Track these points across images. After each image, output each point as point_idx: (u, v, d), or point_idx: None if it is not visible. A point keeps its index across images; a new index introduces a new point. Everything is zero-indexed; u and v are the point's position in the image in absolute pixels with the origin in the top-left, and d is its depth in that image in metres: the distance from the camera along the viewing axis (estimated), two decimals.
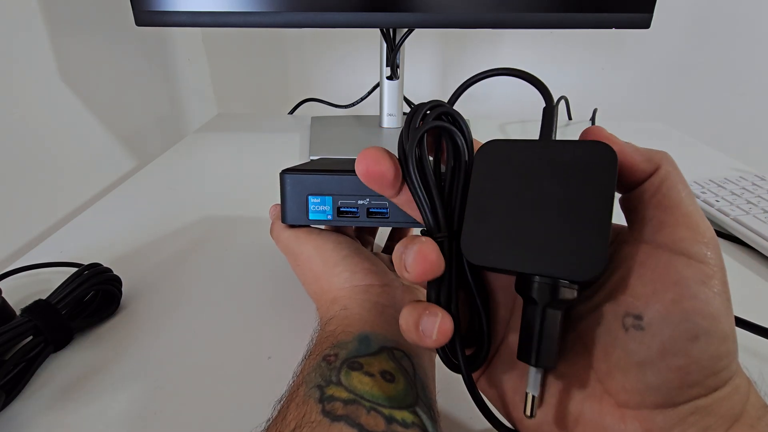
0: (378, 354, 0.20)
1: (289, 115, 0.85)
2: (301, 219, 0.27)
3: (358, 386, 0.18)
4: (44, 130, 0.52)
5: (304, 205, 0.27)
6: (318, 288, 0.27)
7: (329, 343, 0.21)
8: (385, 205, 0.26)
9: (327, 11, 0.53)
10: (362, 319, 0.23)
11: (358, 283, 0.26)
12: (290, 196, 0.27)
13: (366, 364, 0.19)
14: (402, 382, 0.19)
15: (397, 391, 0.19)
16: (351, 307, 0.24)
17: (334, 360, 0.20)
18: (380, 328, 0.22)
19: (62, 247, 0.41)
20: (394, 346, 0.21)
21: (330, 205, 0.27)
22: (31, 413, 0.25)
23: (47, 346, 0.28)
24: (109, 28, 0.64)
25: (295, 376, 0.21)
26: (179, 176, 0.57)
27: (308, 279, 0.28)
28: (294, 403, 0.18)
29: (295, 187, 0.27)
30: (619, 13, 0.54)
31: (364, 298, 0.24)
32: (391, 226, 0.27)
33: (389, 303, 0.25)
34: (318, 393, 0.18)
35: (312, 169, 0.27)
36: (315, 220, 0.27)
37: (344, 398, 0.18)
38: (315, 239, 0.28)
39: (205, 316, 0.33)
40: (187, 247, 0.41)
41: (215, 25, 0.54)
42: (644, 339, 0.15)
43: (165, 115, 0.80)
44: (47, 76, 0.53)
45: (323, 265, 0.27)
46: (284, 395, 0.20)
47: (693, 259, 0.15)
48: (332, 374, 0.19)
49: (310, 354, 0.22)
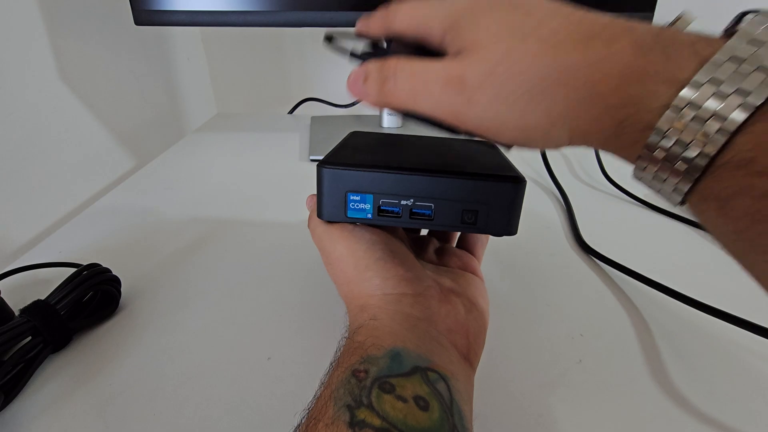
0: (411, 375, 0.19)
1: (288, 114, 0.85)
2: (339, 216, 0.25)
3: (391, 413, 0.17)
4: (44, 129, 0.52)
5: (342, 202, 0.25)
6: (349, 291, 0.26)
7: (358, 356, 0.20)
8: (431, 206, 0.25)
9: (327, 10, 0.53)
10: (393, 332, 0.21)
11: (390, 292, 0.24)
12: (328, 192, 0.25)
13: (398, 387, 0.18)
14: (437, 410, 0.18)
15: (432, 421, 0.18)
16: (381, 317, 0.23)
17: (365, 377, 0.19)
18: (412, 345, 0.21)
19: (61, 247, 0.41)
20: (428, 366, 0.20)
21: (371, 203, 0.25)
22: (30, 414, 0.25)
23: (46, 346, 0.28)
24: (109, 28, 0.63)
25: (322, 386, 0.20)
26: (179, 176, 0.57)
27: (340, 280, 0.26)
28: (323, 423, 0.17)
29: (333, 183, 0.25)
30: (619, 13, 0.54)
31: (395, 309, 0.23)
32: (436, 228, 0.25)
33: (423, 315, 0.23)
34: (348, 415, 0.17)
35: (352, 163, 0.25)
36: (354, 218, 0.25)
37: (377, 426, 0.17)
38: (348, 238, 0.26)
39: (204, 316, 0.33)
40: (187, 247, 0.41)
41: (214, 24, 0.54)
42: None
43: (164, 115, 0.79)
44: (47, 76, 0.53)
45: (354, 268, 0.25)
46: (311, 407, 0.19)
47: None
48: (363, 394, 0.18)
49: (338, 364, 0.20)
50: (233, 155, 0.64)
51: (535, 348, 0.30)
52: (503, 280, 0.37)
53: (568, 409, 0.26)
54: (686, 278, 0.34)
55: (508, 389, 0.27)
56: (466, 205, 0.24)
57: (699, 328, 0.32)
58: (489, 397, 0.26)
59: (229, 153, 0.65)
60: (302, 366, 0.28)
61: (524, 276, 0.38)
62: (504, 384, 0.27)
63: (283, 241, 0.42)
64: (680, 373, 0.28)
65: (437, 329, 0.23)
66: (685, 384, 0.28)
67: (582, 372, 0.28)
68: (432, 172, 0.24)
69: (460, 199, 0.24)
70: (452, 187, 0.24)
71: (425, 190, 0.24)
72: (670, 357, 0.29)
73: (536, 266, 0.39)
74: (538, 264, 0.39)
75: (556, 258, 0.40)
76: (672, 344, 0.31)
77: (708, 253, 0.41)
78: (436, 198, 0.24)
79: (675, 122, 0.15)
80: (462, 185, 0.24)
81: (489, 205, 0.24)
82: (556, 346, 0.30)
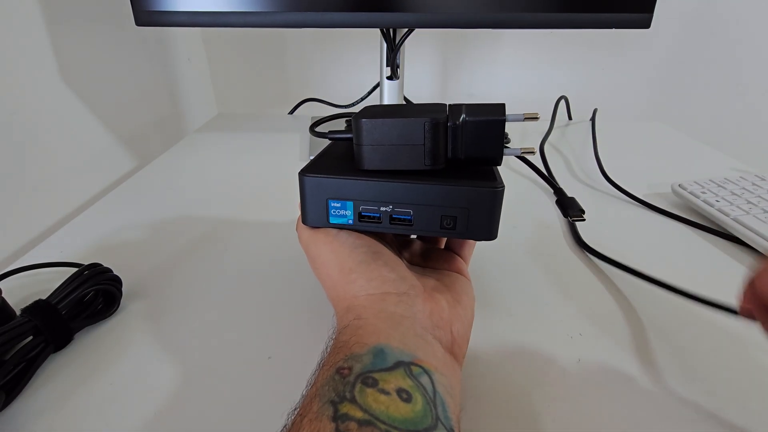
0: (394, 369, 0.19)
1: (289, 115, 0.85)
2: (322, 222, 0.26)
3: (373, 405, 0.18)
4: (44, 130, 0.52)
5: (324, 209, 0.26)
6: (335, 294, 0.26)
7: (342, 355, 0.20)
8: (409, 212, 0.25)
9: (327, 11, 0.53)
10: (377, 330, 0.22)
11: (374, 292, 0.24)
12: (309, 199, 0.26)
13: (381, 381, 0.19)
14: (420, 402, 0.18)
15: (415, 412, 0.18)
16: (365, 316, 0.23)
17: (348, 373, 0.19)
18: (396, 341, 0.21)
19: (62, 247, 0.41)
20: (411, 360, 0.20)
21: (351, 210, 0.26)
22: (31, 413, 0.25)
23: (47, 346, 0.28)
24: (109, 28, 0.64)
25: (308, 386, 0.20)
26: (179, 176, 0.57)
27: (326, 284, 0.27)
28: (307, 419, 0.17)
29: (314, 191, 0.26)
30: (619, 13, 0.54)
31: (379, 308, 0.23)
32: (416, 234, 0.26)
33: (407, 313, 0.23)
34: (331, 410, 0.17)
35: (332, 171, 0.26)
36: (336, 224, 0.26)
37: (359, 418, 0.17)
38: (332, 242, 0.26)
39: (205, 316, 0.33)
40: (187, 247, 0.41)
41: (215, 25, 0.54)
42: None
43: (165, 115, 0.80)
44: (47, 76, 0.53)
45: (339, 271, 0.26)
46: (297, 406, 0.19)
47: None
48: (346, 389, 0.18)
49: (323, 364, 0.21)
50: (233, 155, 0.64)
51: (534, 347, 0.30)
52: (502, 280, 0.37)
53: (567, 408, 0.26)
54: (685, 278, 0.34)
55: (508, 388, 0.27)
56: (444, 210, 0.25)
57: (698, 326, 0.32)
58: (488, 396, 0.26)
59: (230, 153, 0.65)
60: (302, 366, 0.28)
61: (524, 275, 0.38)
62: (503, 383, 0.27)
63: (283, 241, 0.42)
64: (680, 371, 0.28)
65: (421, 326, 0.23)
66: (684, 383, 0.28)
67: (581, 371, 0.28)
68: (409, 179, 0.25)
69: (438, 205, 0.25)
70: (429, 194, 0.25)
71: (404, 197, 0.25)
72: (670, 356, 0.30)
73: (536, 266, 0.39)
74: (538, 263, 0.39)
75: (555, 257, 0.40)
76: (671, 343, 0.31)
77: (707, 253, 0.41)
78: (414, 204, 0.25)
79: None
80: (439, 191, 0.24)
81: (467, 211, 0.25)
82: (554, 346, 0.30)
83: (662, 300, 0.34)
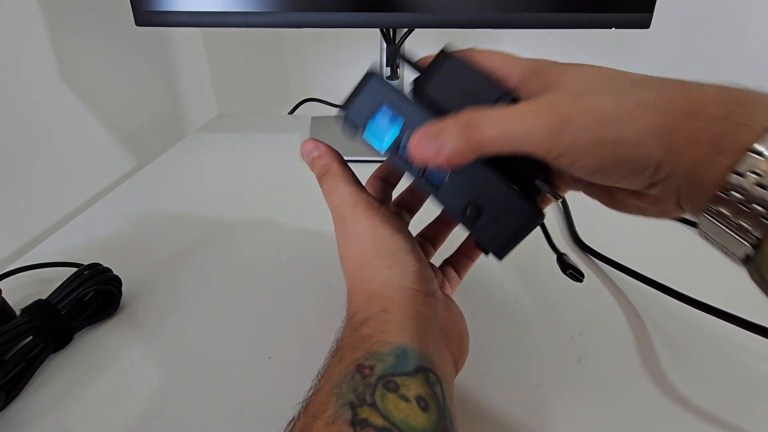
0: (415, 375, 0.19)
1: (289, 115, 0.85)
2: (358, 120, 0.24)
3: (394, 412, 0.17)
4: (44, 129, 0.52)
5: (370, 111, 0.23)
6: (359, 272, 0.24)
7: (364, 351, 0.19)
8: (446, 176, 0.22)
9: (327, 11, 0.53)
10: (402, 329, 0.21)
11: (407, 286, 0.23)
12: (365, 93, 0.23)
13: (402, 386, 0.18)
14: (435, 412, 0.18)
15: (431, 422, 0.18)
16: (393, 311, 0.22)
17: (370, 374, 0.18)
18: (419, 343, 0.20)
19: (62, 247, 0.41)
20: (430, 367, 0.20)
21: (395, 130, 0.23)
22: (31, 413, 0.25)
23: (47, 346, 0.28)
24: (109, 28, 0.64)
25: (319, 376, 0.19)
26: (179, 176, 0.57)
27: (351, 256, 0.24)
28: (322, 422, 0.17)
29: (374, 89, 0.23)
30: (619, 13, 0.54)
31: (410, 305, 0.22)
32: (435, 203, 0.23)
33: (430, 316, 0.22)
34: (350, 414, 0.17)
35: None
36: (368, 139, 0.23)
37: (379, 426, 0.17)
38: (373, 216, 0.24)
39: (205, 316, 0.33)
40: (187, 247, 0.41)
41: (215, 25, 0.54)
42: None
43: (165, 115, 0.80)
44: (48, 77, 0.53)
45: (374, 250, 0.23)
46: (308, 401, 0.19)
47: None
48: (366, 391, 0.18)
49: (340, 358, 0.20)
50: (233, 155, 0.64)
51: (535, 347, 0.30)
52: (502, 280, 0.37)
53: (567, 407, 0.26)
54: (684, 277, 0.34)
55: (508, 388, 0.27)
56: (477, 198, 0.22)
57: (697, 327, 0.32)
58: (488, 396, 0.26)
59: (230, 153, 0.65)
60: (302, 366, 0.28)
61: (523, 275, 0.38)
62: (503, 383, 0.27)
63: (284, 241, 0.42)
64: (679, 371, 0.28)
65: (440, 332, 0.23)
66: (683, 382, 0.28)
67: (581, 371, 0.28)
68: None
69: (476, 189, 0.22)
70: (478, 173, 0.22)
71: None
72: (669, 356, 0.30)
73: (535, 265, 0.39)
74: (537, 263, 0.39)
75: (554, 257, 0.40)
76: (670, 343, 0.31)
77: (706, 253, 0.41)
78: (457, 171, 0.22)
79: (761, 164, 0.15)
80: (488, 177, 0.22)
81: (497, 214, 0.22)
82: (555, 345, 0.30)
83: (662, 299, 0.34)
